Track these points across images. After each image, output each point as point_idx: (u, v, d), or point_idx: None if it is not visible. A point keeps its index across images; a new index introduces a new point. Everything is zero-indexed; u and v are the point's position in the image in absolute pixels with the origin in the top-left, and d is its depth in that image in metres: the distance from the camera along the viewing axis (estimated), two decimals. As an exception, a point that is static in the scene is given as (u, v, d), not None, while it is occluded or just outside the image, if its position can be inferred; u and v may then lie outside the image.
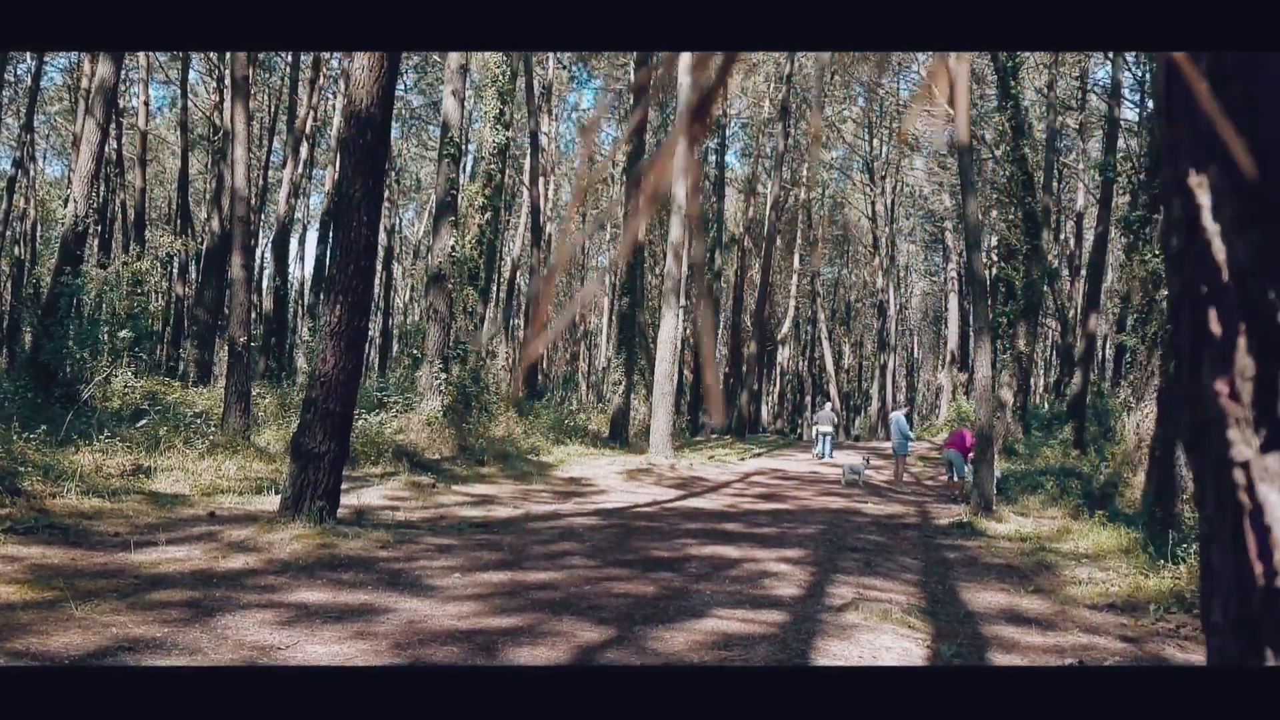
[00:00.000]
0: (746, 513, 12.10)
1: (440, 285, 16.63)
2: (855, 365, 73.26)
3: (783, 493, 15.07)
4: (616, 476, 16.08)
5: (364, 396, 18.38)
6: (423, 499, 11.85)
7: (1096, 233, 28.49)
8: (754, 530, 10.39)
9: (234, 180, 13.99)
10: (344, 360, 7.99)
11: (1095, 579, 8.53)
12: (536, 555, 8.10)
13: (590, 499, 13.11)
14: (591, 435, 23.97)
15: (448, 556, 7.86)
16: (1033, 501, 14.87)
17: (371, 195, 7.96)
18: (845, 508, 13.21)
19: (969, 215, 13.67)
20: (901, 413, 19.27)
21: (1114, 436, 26.03)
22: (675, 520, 11.01)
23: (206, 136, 39.88)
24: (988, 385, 13.38)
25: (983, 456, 13.24)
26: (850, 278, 67.61)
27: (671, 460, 18.49)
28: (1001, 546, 10.28)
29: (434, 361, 16.55)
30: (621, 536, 9.43)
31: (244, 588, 6.27)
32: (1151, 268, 13.54)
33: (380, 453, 14.74)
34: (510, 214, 49.56)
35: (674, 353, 19.94)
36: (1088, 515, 12.71)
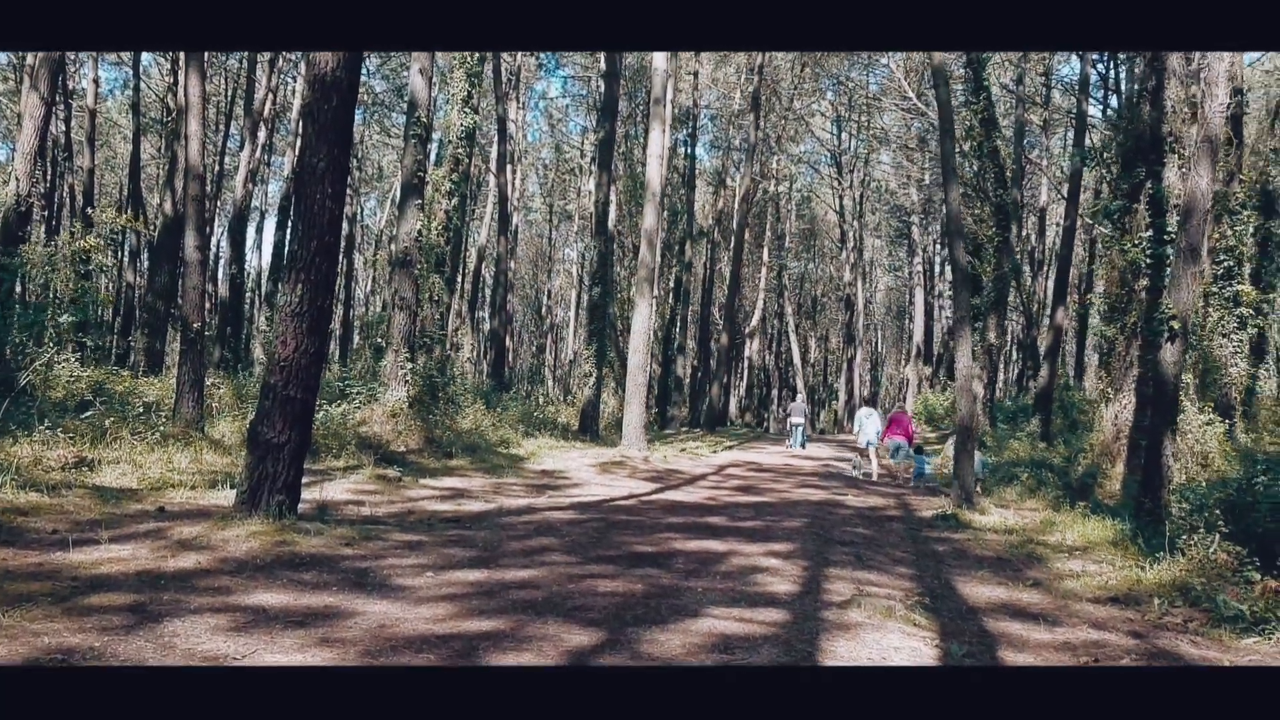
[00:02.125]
0: (727, 505, 11.72)
1: (406, 270, 16.04)
2: (821, 359, 73.46)
3: (761, 485, 14.71)
4: (590, 469, 15.64)
5: (326, 387, 17.75)
6: (389, 493, 11.31)
7: (1064, 227, 28.50)
8: (738, 524, 10.00)
9: (188, 156, 13.31)
10: (306, 343, 7.45)
11: (1089, 571, 8.26)
12: (513, 552, 7.64)
13: (565, 492, 12.65)
14: (561, 428, 23.50)
15: (418, 554, 7.37)
16: (1010, 493, 14.67)
17: (337, 166, 7.43)
18: (826, 500, 12.88)
19: (950, 203, 13.38)
20: (871, 409, 19.40)
21: (1080, 428, 26.08)
22: (655, 514, 10.59)
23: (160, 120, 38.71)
24: (969, 377, 13.11)
25: (964, 449, 12.98)
26: (817, 272, 67.71)
27: (645, 453, 18.08)
28: (988, 539, 9.99)
29: (400, 350, 15.96)
30: (602, 531, 8.99)
31: (194, 590, 5.74)
32: (1131, 257, 13.35)
33: (343, 445, 14.16)
34: (476, 203, 48.79)
35: (647, 343, 19.53)
36: (1069, 507, 12.50)
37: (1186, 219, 9.82)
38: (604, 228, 24.24)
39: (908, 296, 58.39)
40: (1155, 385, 10.00)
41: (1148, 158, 13.28)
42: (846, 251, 50.67)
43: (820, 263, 67.54)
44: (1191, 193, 9.77)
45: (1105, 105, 33.67)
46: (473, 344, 40.14)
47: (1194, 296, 9.90)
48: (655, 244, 19.52)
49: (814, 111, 49.25)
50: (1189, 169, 12.81)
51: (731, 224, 46.33)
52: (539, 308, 64.16)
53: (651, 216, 19.22)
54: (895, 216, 55.68)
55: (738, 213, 34.80)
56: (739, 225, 33.00)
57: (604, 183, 24.23)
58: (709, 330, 43.39)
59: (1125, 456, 13.21)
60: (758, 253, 49.59)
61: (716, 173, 46.50)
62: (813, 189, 58.00)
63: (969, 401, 13.06)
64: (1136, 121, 13.33)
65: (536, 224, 61.73)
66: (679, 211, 41.39)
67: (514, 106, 37.98)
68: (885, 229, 58.73)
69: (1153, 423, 10.01)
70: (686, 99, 40.63)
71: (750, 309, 51.30)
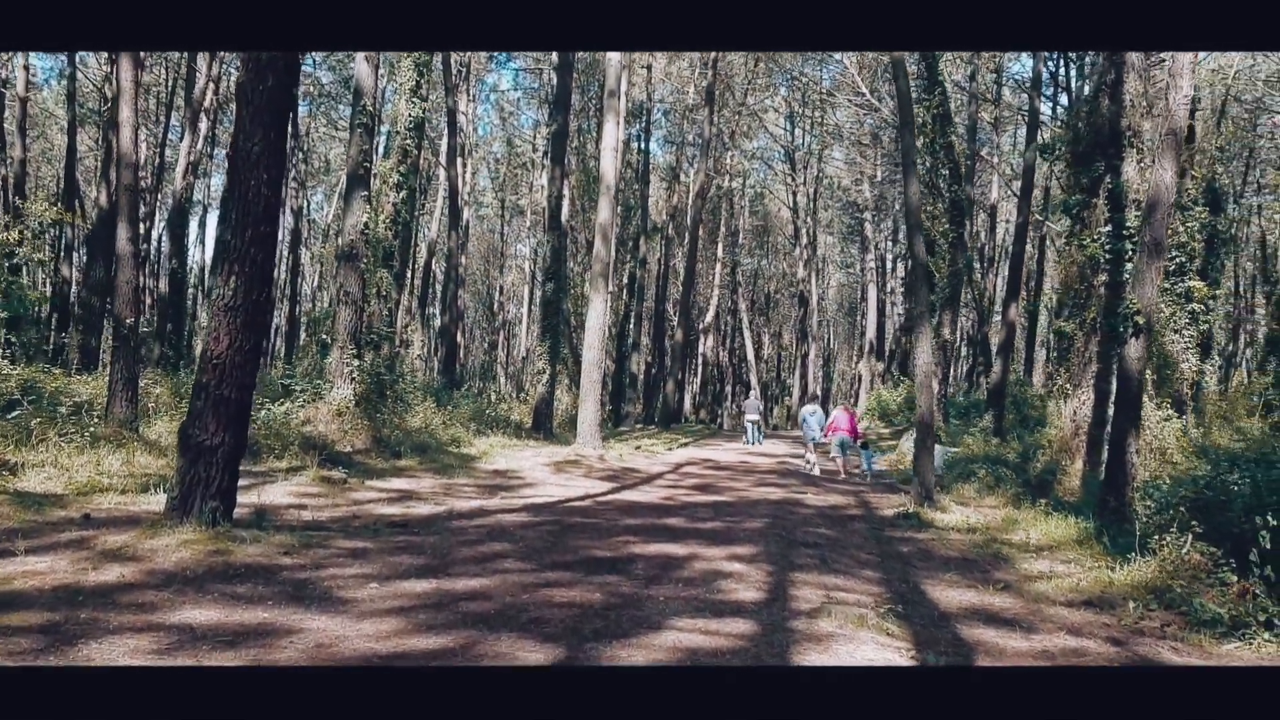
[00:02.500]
0: (686, 506, 11.42)
1: (352, 264, 15.49)
2: (774, 355, 73.69)
3: (718, 484, 14.45)
4: (544, 468, 15.24)
5: (269, 385, 17.14)
6: (334, 495, 10.83)
7: (1016, 223, 28.69)
8: (697, 525, 9.70)
9: (120, 144, 12.65)
10: (240, 339, 6.98)
11: (1058, 572, 8.10)
12: (464, 559, 7.25)
13: (518, 493, 12.26)
14: (514, 426, 23.04)
15: (362, 562, 6.95)
16: (969, 490, 14.59)
17: (273, 150, 6.96)
18: (785, 499, 12.64)
19: (910, 197, 13.22)
20: (815, 405, 19.55)
21: (1032, 424, 26.28)
22: (613, 515, 10.24)
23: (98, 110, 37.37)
24: (928, 373, 12.97)
25: (924, 446, 12.83)
26: (770, 269, 67.86)
27: (600, 451, 17.72)
28: (952, 539, 9.81)
29: (345, 346, 15.40)
30: (557, 535, 8.63)
31: (115, 607, 5.28)
32: (1090, 253, 13.31)
33: (286, 445, 13.60)
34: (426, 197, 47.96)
35: (602, 339, 19.16)
36: (1029, 504, 12.41)
37: (1151, 213, 9.73)
38: (557, 222, 23.82)
39: (859, 293, 58.69)
40: (1119, 381, 9.90)
41: (1106, 152, 13.24)
42: (800, 248, 50.73)
43: (773, 259, 67.75)
44: (1156, 186, 9.67)
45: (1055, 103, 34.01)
46: (423, 341, 39.40)
47: (1157, 291, 9.81)
48: (610, 238, 19.16)
49: (767, 107, 49.24)
50: (1149, 163, 12.80)
51: (685, 219, 46.12)
52: (491, 304, 63.45)
53: (606, 210, 18.85)
54: (848, 213, 55.93)
55: (693, 207, 34.57)
56: (694, 220, 32.76)
57: (557, 176, 23.80)
58: (664, 326, 43.15)
59: (1084, 453, 13.17)
60: (712, 249, 49.45)
61: (670, 168, 46.26)
62: (766, 185, 58.05)
63: (929, 398, 12.91)
64: (1095, 115, 13.29)
65: (488, 219, 60.98)
66: (633, 207, 41.06)
67: (464, 99, 37.33)
68: (838, 225, 58.99)
69: (1117, 420, 9.91)
70: (640, 93, 40.33)
71: (705, 305, 51.19)
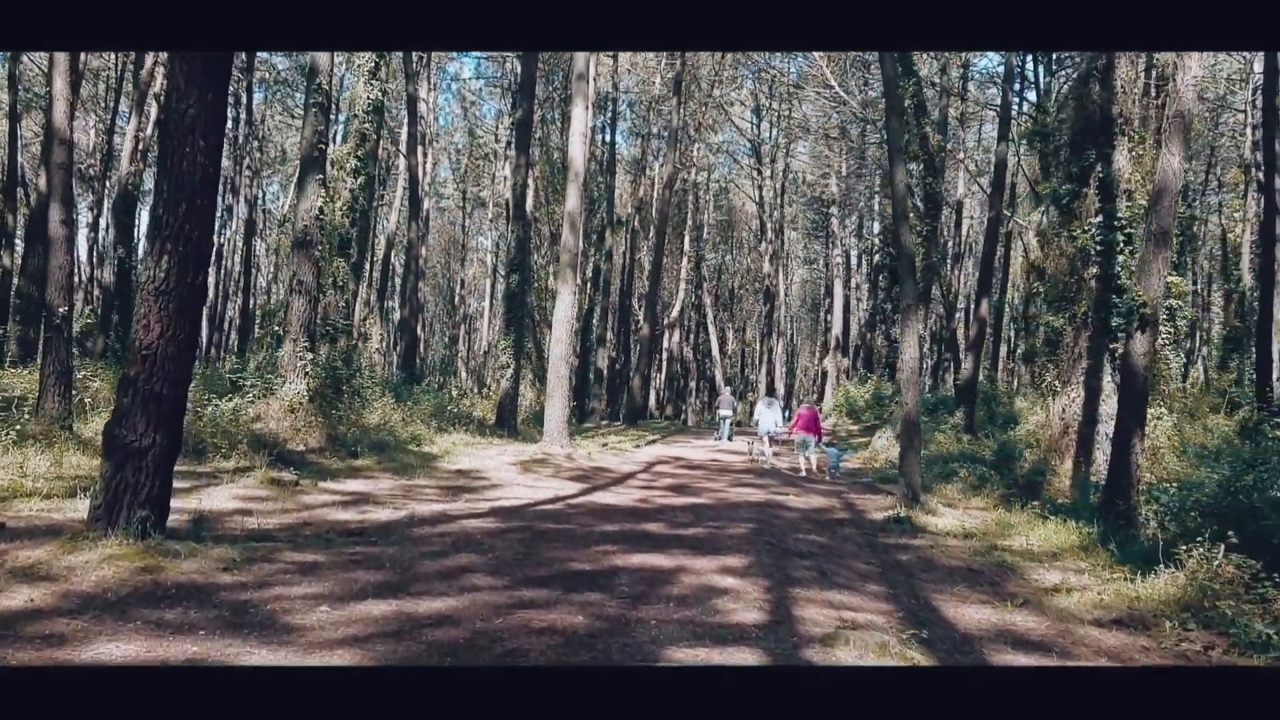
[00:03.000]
0: (663, 509, 10.71)
1: (306, 252, 14.57)
2: (738, 351, 73.33)
3: (694, 484, 13.77)
4: (510, 468, 14.46)
5: (218, 379, 16.17)
6: (284, 499, 9.98)
7: (988, 218, 28.39)
8: (679, 532, 9.01)
9: (53, 119, 11.66)
10: (173, 327, 6.14)
11: (1074, 585, 7.52)
12: (428, 574, 6.48)
13: (484, 495, 11.48)
14: (477, 423, 22.18)
15: (313, 579, 6.16)
16: (951, 490, 14.07)
17: (212, 113, 6.13)
18: (767, 501, 12.00)
19: (896, 185, 12.64)
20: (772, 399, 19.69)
21: (1000, 420, 25.99)
22: (587, 520, 9.52)
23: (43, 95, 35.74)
24: (914, 368, 12.41)
25: (910, 445, 12.25)
26: (734, 264, 67.43)
27: (568, 449, 16.97)
28: (950, 545, 9.23)
29: (298, 339, 14.49)
30: (529, 544, 7.88)
31: (18, 639, 4.46)
32: (1080, 244, 12.83)
33: (234, 444, 12.69)
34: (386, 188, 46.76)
35: (570, 333, 18.40)
36: (1020, 506, 11.90)
37: (1158, 200, 9.21)
38: (522, 212, 22.99)
39: (823, 289, 58.43)
40: (1123, 377, 9.38)
41: (1097, 140, 12.77)
42: (766, 243, 50.25)
43: (738, 255, 67.39)
44: (1163, 172, 9.15)
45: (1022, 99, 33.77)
46: (382, 334, 38.26)
47: (1163, 282, 9.29)
48: (578, 227, 18.40)
49: (733, 100, 48.68)
50: (1142, 152, 12.33)
51: (651, 212, 45.41)
52: (452, 297, 62.29)
53: (574, 198, 18.08)
54: (812, 209, 55.62)
55: (660, 199, 33.88)
56: (661, 212, 32.07)
57: (521, 165, 22.97)
58: (629, 321, 42.47)
59: (1074, 452, 12.70)
60: (678, 243, 48.83)
61: (636, 161, 45.55)
62: (731, 180, 57.56)
63: (915, 394, 12.34)
64: (1086, 102, 12.79)
65: (449, 211, 59.81)
66: (598, 199, 40.29)
67: (425, 86, 36.30)
68: (802, 221, 58.63)
69: (1121, 418, 9.38)
70: (606, 84, 39.54)
71: (670, 300, 50.58)
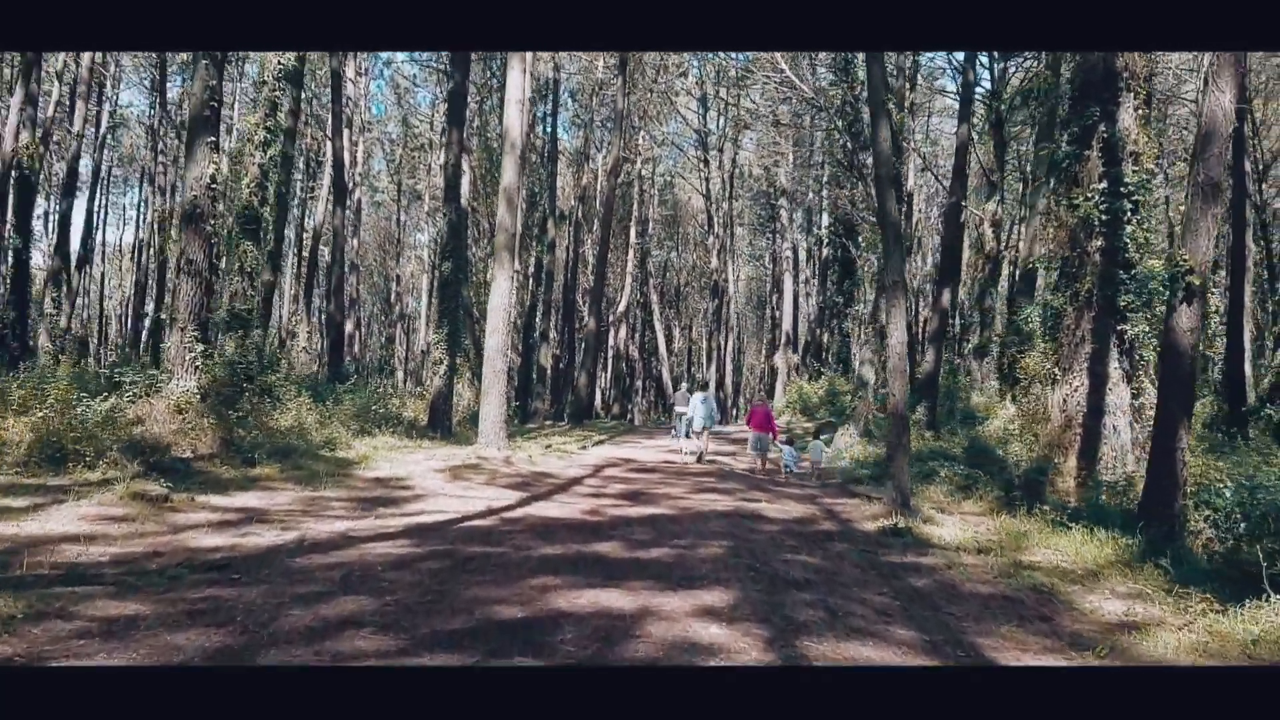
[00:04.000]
0: (617, 523, 8.90)
1: (196, 227, 12.48)
2: (685, 348, 71.86)
3: (651, 490, 11.98)
4: (438, 475, 12.51)
5: (93, 378, 13.99)
6: (145, 520, 7.98)
7: (949, 204, 27.15)
8: (639, 554, 7.22)
9: None
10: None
11: (1141, 618, 5.92)
12: (291, 632, 4.60)
13: (402, 509, 9.56)
14: (407, 424, 20.11)
15: (118, 646, 4.25)
16: (937, 492, 12.50)
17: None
18: (737, 510, 10.25)
19: (880, 145, 11.03)
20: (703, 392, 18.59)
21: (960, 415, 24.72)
22: (523, 540, 7.67)
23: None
24: (902, 355, 10.81)
25: (899, 443, 10.65)
26: (679, 261, 65.97)
27: (506, 452, 15.09)
28: (967, 564, 7.58)
29: (187, 328, 12.39)
30: (446, 578, 6.03)
31: None
32: (1083, 213, 11.34)
33: (101, 451, 10.60)
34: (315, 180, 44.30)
35: (507, 322, 16.51)
36: (1024, 511, 10.36)
37: (1205, 147, 7.69)
38: (455, 194, 20.97)
39: (770, 285, 57.22)
40: (1165, 360, 7.86)
41: (1100, 96, 11.32)
42: (713, 236, 48.69)
43: (683, 251, 66.00)
44: (1211, 114, 7.63)
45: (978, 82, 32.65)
46: (309, 331, 35.86)
47: (1212, 244, 7.78)
48: (516, 205, 16.50)
49: (679, 90, 47.10)
50: (1149, 109, 10.88)
51: (595, 204, 43.61)
52: (388, 295, 59.74)
53: (511, 172, 16.18)
54: (758, 203, 54.36)
55: (606, 185, 32.09)
56: (607, 200, 30.25)
57: (455, 142, 20.97)
58: (573, 317, 40.61)
59: (1079, 448, 11.22)
60: (623, 237, 47.12)
61: (579, 152, 43.69)
62: (677, 173, 56.02)
63: (903, 385, 10.74)
64: (1086, 55, 11.31)
65: (385, 205, 57.31)
66: (539, 191, 38.38)
67: (351, 66, 34.03)
68: (749, 216, 57.29)
69: (1163, 408, 7.85)
70: (546, 67, 37.65)
71: (615, 296, 48.84)
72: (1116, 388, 11.21)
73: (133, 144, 51.01)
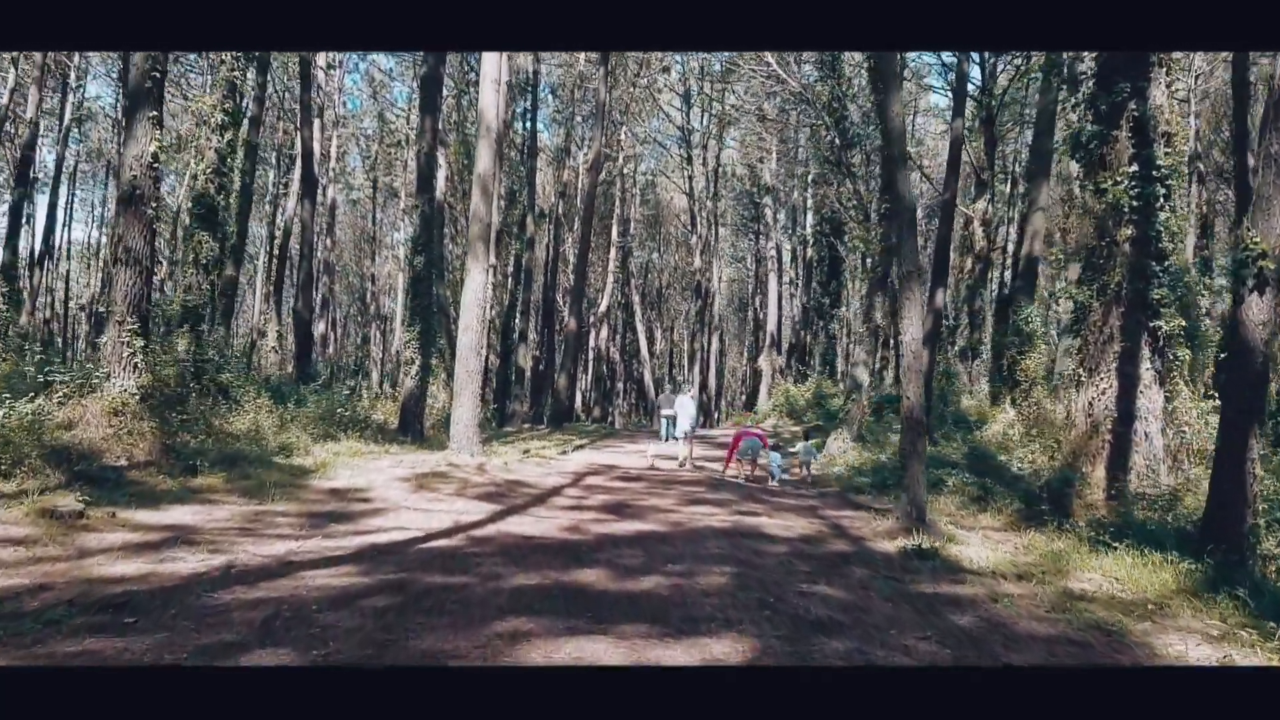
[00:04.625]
0: (602, 542, 7.78)
1: (135, 210, 11.27)
2: (666, 351, 70.80)
3: (637, 502, 10.85)
4: (402, 485, 11.33)
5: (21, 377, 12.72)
6: (50, 542, 6.81)
7: (943, 200, 26.25)
8: (629, 585, 6.11)
9: None
10: None
11: (1235, 662, 4.86)
12: (170, 714, 3.44)
13: (356, 525, 8.42)
14: (376, 428, 18.87)
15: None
16: (947, 504, 11.48)
17: None
18: (735, 527, 9.15)
19: (892, 119, 9.99)
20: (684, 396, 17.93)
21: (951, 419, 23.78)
22: (493, 566, 6.55)
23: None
24: (918, 352, 9.76)
25: (914, 450, 9.59)
26: (661, 262, 64.94)
27: (480, 458, 13.94)
28: (1010, 593, 6.52)
29: (125, 320, 11.17)
30: (393, 621, 4.90)
31: None
32: (1113, 198, 10.33)
33: (19, 458, 9.40)
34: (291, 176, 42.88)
35: (482, 319, 15.38)
36: (1054, 526, 9.35)
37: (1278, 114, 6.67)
38: (428, 184, 19.78)
39: (753, 287, 56.28)
40: (1233, 356, 6.84)
41: (1129, 71, 10.35)
42: (697, 236, 47.62)
43: (665, 252, 65.03)
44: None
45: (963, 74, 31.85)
46: (279, 331, 34.44)
47: None
48: (491, 193, 15.35)
49: (662, 87, 46.06)
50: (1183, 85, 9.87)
51: (576, 201, 42.46)
52: (364, 295, 58.29)
53: (487, 157, 15.03)
54: (741, 204, 53.44)
55: (587, 182, 30.99)
56: (588, 195, 29.09)
57: (428, 129, 19.78)
58: (553, 317, 39.42)
59: (1107, 457, 10.20)
60: (605, 236, 46.04)
61: (559, 149, 42.54)
62: (660, 172, 54.94)
63: (919, 386, 9.69)
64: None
65: (361, 204, 55.89)
66: (518, 189, 37.19)
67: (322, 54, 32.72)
68: (731, 217, 56.30)
69: (1227, 415, 6.84)
70: (526, 60, 36.50)
71: (597, 295, 47.73)
72: (1149, 390, 10.21)
73: (100, 138, 49.47)
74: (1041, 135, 21.19)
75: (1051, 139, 20.89)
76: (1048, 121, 20.74)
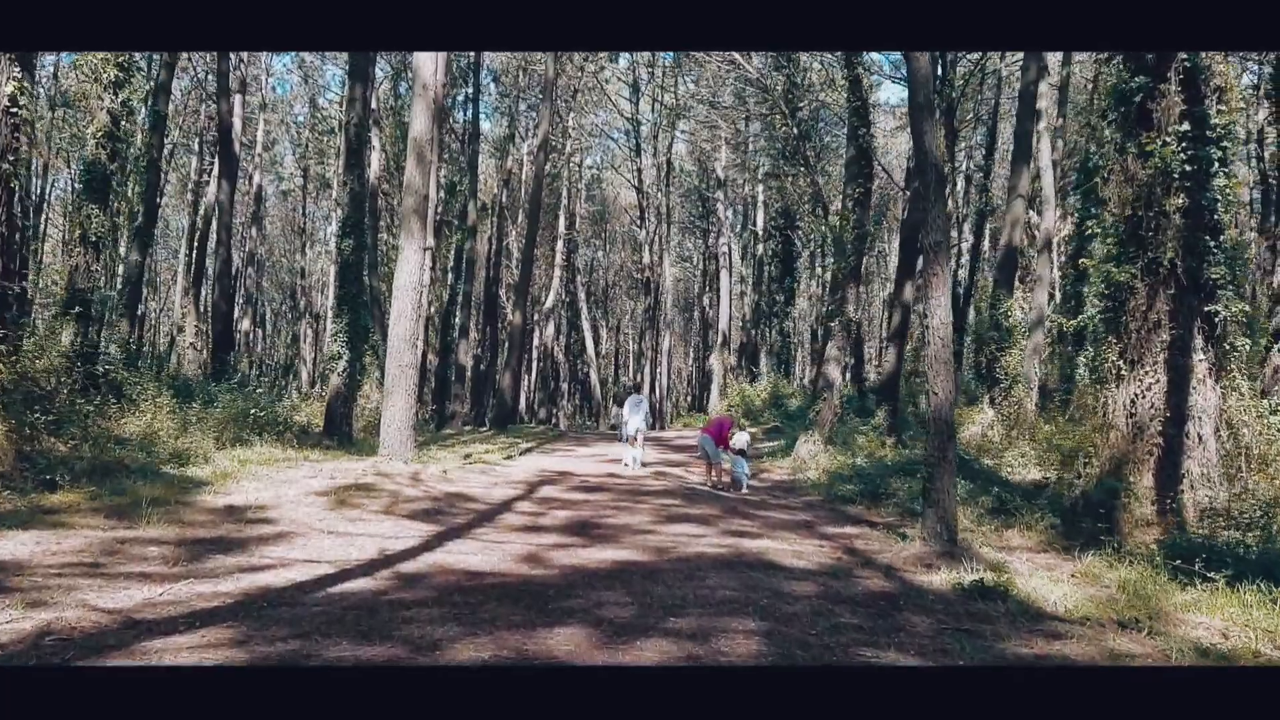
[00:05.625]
0: (571, 581, 5.95)
1: (-16, 164, 9.13)
2: (613, 350, 69.03)
3: (605, 520, 9.02)
4: (318, 500, 9.33)
5: None
6: None
7: (912, 189, 24.92)
8: (622, 654, 4.30)
9: None
10: None
11: None
12: None
13: (249, 557, 6.47)
14: (298, 430, 16.74)
15: None
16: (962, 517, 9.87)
17: None
18: (737, 554, 7.37)
19: (919, 68, 8.36)
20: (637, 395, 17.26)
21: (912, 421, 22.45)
22: (425, 626, 4.68)
23: None
24: (947, 339, 8.12)
25: (943, 458, 7.95)
26: (607, 259, 63.20)
27: (415, 465, 12.00)
28: (1126, 652, 4.87)
29: (-31, 302, 9.06)
30: (255, 752, 3.02)
31: None
32: (1162, 158, 8.84)
33: None
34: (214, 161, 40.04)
35: (417, 307, 13.42)
36: (1110, 549, 7.79)
37: None
38: (357, 159, 17.69)
39: (699, 286, 54.86)
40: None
41: (1182, 15, 8.90)
42: (647, 230, 45.88)
43: (611, 249, 63.30)
44: None
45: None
46: (198, 327, 31.80)
47: None
48: (428, 160, 13.36)
49: (610, 76, 44.30)
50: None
51: (520, 195, 40.46)
52: (294, 291, 55.36)
53: (423, 119, 13.08)
54: (690, 200, 51.97)
55: (532, 169, 29.04)
56: (535, 180, 27.12)
57: (357, 98, 17.73)
58: (496, 313, 37.36)
59: (1157, 464, 8.71)
60: (550, 230, 44.11)
61: (503, 138, 40.50)
62: (607, 166, 53.17)
63: (947, 380, 8.05)
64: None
65: (293, 195, 52.99)
66: (458, 178, 35.08)
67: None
68: (680, 214, 54.76)
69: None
70: (469, 40, 34.37)
71: (541, 291, 45.77)
72: (1202, 385, 8.75)
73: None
74: (1024, 118, 19.90)
75: (1034, 121, 19.62)
76: (1030, 103, 19.47)
